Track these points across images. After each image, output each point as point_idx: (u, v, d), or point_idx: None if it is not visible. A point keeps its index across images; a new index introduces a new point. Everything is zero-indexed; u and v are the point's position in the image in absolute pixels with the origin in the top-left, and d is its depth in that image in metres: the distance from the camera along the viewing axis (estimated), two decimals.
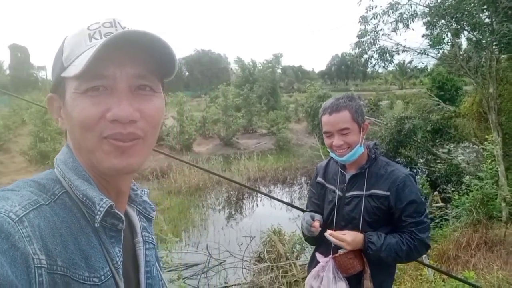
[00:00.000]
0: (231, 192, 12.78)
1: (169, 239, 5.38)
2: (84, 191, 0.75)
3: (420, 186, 9.69)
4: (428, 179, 11.83)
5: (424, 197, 10.06)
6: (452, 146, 13.70)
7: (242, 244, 8.40)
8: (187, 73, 79.74)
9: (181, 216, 10.18)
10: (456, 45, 8.77)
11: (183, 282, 6.74)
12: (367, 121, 2.10)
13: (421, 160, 12.62)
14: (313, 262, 2.22)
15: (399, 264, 5.08)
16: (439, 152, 13.01)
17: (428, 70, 12.77)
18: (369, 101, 24.95)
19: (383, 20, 8.92)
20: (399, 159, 12.58)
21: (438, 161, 12.44)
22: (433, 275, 4.14)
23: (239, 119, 20.27)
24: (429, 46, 8.91)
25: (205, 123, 20.10)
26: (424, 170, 12.75)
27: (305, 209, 2.44)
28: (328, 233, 2.02)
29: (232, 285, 6.68)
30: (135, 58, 0.76)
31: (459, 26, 8.22)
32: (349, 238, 1.98)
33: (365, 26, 9.18)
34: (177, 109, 18.48)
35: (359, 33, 9.29)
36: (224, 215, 11.09)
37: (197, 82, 74.14)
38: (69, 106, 0.76)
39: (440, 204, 9.32)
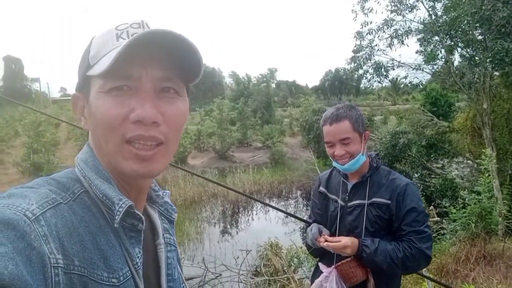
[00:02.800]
0: (227, 206, 12.73)
1: None
2: (104, 190, 0.74)
3: None
4: (423, 193, 11.90)
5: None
6: (446, 161, 13.83)
7: (238, 257, 8.34)
8: None
9: (176, 229, 9.74)
10: (450, 61, 8.94)
11: None
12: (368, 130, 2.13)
13: (416, 175, 12.70)
14: (317, 273, 2.21)
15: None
16: (433, 167, 13.13)
17: (423, 85, 12.95)
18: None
19: (378, 36, 9.12)
20: None
21: (432, 176, 12.54)
22: None
23: (234, 133, 20.30)
24: (423, 62, 9.07)
25: (200, 136, 20.10)
26: (419, 184, 12.83)
27: (307, 219, 2.45)
28: (323, 242, 2.01)
29: None
30: (161, 60, 0.76)
31: (452, 43, 8.40)
32: (347, 242, 1.97)
33: (360, 41, 9.36)
34: None
35: (355, 48, 9.47)
36: (219, 229, 11.03)
37: (192, 95, 74.08)
38: (93, 105, 0.75)
39: (436, 218, 9.34)
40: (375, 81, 9.98)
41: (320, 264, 2.20)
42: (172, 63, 0.77)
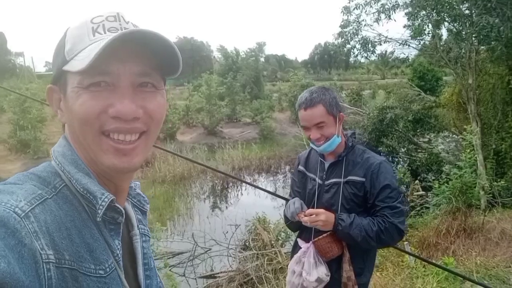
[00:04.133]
0: (216, 181, 12.84)
1: (156, 228, 5.39)
2: (85, 185, 0.74)
3: (402, 175, 9.93)
4: (409, 168, 12.11)
5: (405, 186, 10.30)
6: (432, 136, 14.01)
7: (227, 232, 8.50)
8: None
9: (166, 205, 10.21)
10: (437, 36, 8.95)
11: (170, 270, 6.81)
12: (349, 110, 2.19)
13: (403, 150, 12.87)
14: (296, 248, 2.31)
15: (382, 251, 5.23)
16: (420, 141, 13.30)
17: (410, 60, 12.98)
18: (351, 90, 25.17)
19: (366, 11, 9.05)
20: (381, 148, 12.81)
21: (419, 150, 12.73)
22: (414, 261, 4.30)
23: (222, 108, 20.25)
24: (410, 37, 9.07)
25: (188, 112, 20.01)
26: (405, 159, 13.02)
27: (288, 197, 2.52)
28: (301, 216, 2.10)
29: (218, 273, 6.78)
30: (138, 55, 0.76)
31: (439, 17, 8.38)
32: (322, 216, 2.06)
33: (347, 16, 9.28)
34: None
35: (342, 23, 9.40)
36: (209, 204, 11.16)
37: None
38: (70, 100, 0.75)
39: (421, 192, 9.56)
40: (362, 56, 9.97)
41: (299, 240, 2.30)
42: (149, 58, 0.77)
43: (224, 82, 23.05)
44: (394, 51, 10.62)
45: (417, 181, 10.30)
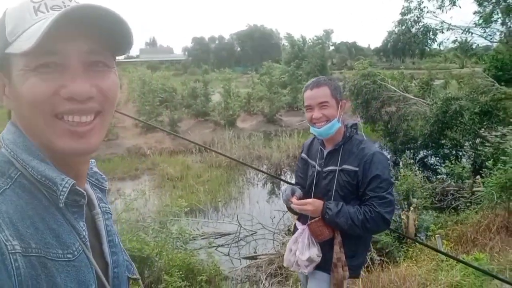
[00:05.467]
0: (271, 168, 13.06)
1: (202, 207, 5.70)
2: (42, 172, 0.72)
3: (461, 169, 9.46)
4: (474, 163, 11.43)
5: (461, 181, 9.73)
6: (505, 130, 13.00)
7: (274, 217, 8.69)
8: (238, 49, 79.95)
9: (220, 188, 10.62)
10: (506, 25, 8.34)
11: (215, 249, 7.20)
12: (411, 101, 2.27)
13: (468, 143, 12.16)
14: (295, 229, 2.46)
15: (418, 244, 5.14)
16: (491, 135, 12.42)
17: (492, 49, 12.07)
18: (420, 80, 23.89)
19: None
20: (444, 141, 12.21)
21: (486, 144, 11.92)
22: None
23: (283, 96, 20.36)
24: (474, 25, 8.53)
25: (250, 100, 20.37)
26: (470, 153, 12.29)
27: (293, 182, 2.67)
28: (293, 203, 2.24)
29: (260, 255, 7.04)
30: (87, 33, 0.72)
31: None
32: (309, 203, 2.19)
33: (408, 3, 8.92)
34: (222, 86, 18.86)
35: (402, 10, 9.06)
36: (260, 190, 11.43)
37: (249, 57, 74.20)
38: (17, 84, 0.72)
39: (480, 188, 9.05)
40: (425, 45, 9.51)
41: (296, 222, 2.45)
42: (99, 35, 0.73)
43: (287, 70, 23.08)
44: (457, 39, 9.95)
45: (478, 177, 9.72)
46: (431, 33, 8.78)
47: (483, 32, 9.01)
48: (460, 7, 8.59)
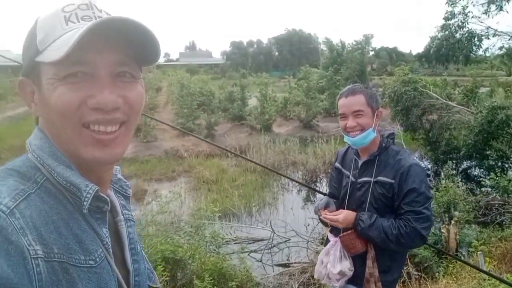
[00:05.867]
0: (306, 175, 12.92)
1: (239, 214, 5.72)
2: (67, 177, 0.73)
3: (507, 182, 8.98)
4: None
5: (506, 195, 9.24)
6: None
7: (309, 225, 8.57)
8: (276, 53, 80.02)
9: (254, 193, 10.60)
10: None
11: (248, 255, 7.18)
12: (454, 109, 2.19)
13: None
14: (328, 241, 2.40)
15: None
16: None
17: None
18: (464, 87, 23.00)
19: (473, 2, 8.29)
20: (489, 152, 11.67)
21: None
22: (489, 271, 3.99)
23: (320, 101, 20.16)
24: None
25: (286, 105, 20.31)
26: None
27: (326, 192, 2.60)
28: (322, 215, 2.19)
29: (293, 263, 6.95)
30: (115, 45, 0.73)
31: None
32: (341, 216, 2.13)
33: (452, 8, 8.61)
34: (259, 90, 18.90)
35: (446, 15, 8.75)
36: (295, 196, 11.33)
37: (286, 62, 74.13)
38: (46, 92, 0.73)
39: None
40: (470, 51, 9.15)
41: (328, 234, 2.39)
42: (127, 47, 0.75)
43: (325, 75, 22.86)
44: (503, 45, 9.50)
45: None
46: (476, 39, 8.42)
47: None
48: (507, 12, 8.18)
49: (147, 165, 12.95)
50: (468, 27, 8.50)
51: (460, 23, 8.64)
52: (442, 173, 10.98)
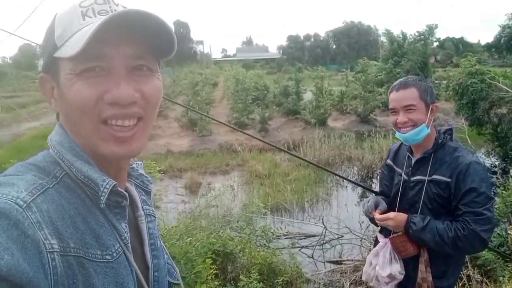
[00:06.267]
0: (362, 171, 12.55)
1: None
2: (85, 172, 0.74)
3: None
4: None
5: None
6: None
7: (363, 222, 8.30)
8: (334, 46, 78.68)
9: (307, 188, 10.46)
10: None
11: (299, 250, 7.10)
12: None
13: None
14: (377, 242, 2.27)
15: None
16: None
17: None
18: None
19: None
20: None
21: None
22: None
23: (379, 95, 19.46)
24: None
25: (343, 98, 19.82)
26: None
27: (377, 190, 2.45)
28: (375, 218, 2.05)
29: (345, 260, 6.76)
30: (131, 38, 0.73)
31: None
32: (392, 215, 1.98)
33: None
34: (315, 84, 18.61)
35: None
36: (350, 192, 11.04)
37: (344, 55, 72.64)
38: (64, 88, 0.74)
39: None
40: None
41: (378, 234, 2.26)
42: (142, 40, 0.75)
43: (384, 68, 22.05)
44: None
45: None
46: None
47: None
48: None
49: (202, 159, 13.20)
50: None
51: None
52: (511, 171, 10.19)
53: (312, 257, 7.09)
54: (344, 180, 11.83)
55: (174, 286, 1.00)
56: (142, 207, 0.92)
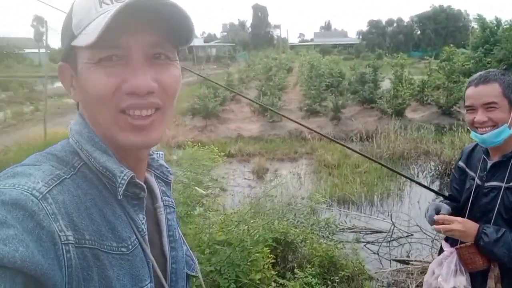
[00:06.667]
0: (440, 166, 11.78)
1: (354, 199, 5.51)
2: (103, 163, 0.73)
3: None
4: None
5: None
6: None
7: None
8: (418, 32, 74.23)
9: (378, 181, 10.07)
10: None
11: (364, 246, 6.87)
12: None
13: None
14: (442, 250, 2.08)
15: None
16: None
17: None
18: None
19: None
20: None
21: None
22: None
23: (465, 86, 18.05)
24: None
25: (424, 88, 18.62)
26: None
27: (447, 194, 2.24)
28: (437, 216, 1.87)
29: (413, 261, 6.41)
30: (149, 25, 0.72)
31: None
32: (460, 219, 1.78)
33: None
34: (394, 72, 17.70)
35: None
36: (423, 189, 10.40)
37: (429, 42, 68.35)
38: (82, 77, 0.73)
39: None
40: None
41: (443, 242, 2.08)
42: (160, 27, 0.73)
43: (472, 57, 20.34)
44: None
45: None
46: None
47: None
48: None
49: (270, 145, 13.23)
50: None
51: None
52: None
53: (378, 254, 6.82)
54: (419, 175, 11.22)
55: (192, 278, 1.00)
56: (162, 198, 0.91)
